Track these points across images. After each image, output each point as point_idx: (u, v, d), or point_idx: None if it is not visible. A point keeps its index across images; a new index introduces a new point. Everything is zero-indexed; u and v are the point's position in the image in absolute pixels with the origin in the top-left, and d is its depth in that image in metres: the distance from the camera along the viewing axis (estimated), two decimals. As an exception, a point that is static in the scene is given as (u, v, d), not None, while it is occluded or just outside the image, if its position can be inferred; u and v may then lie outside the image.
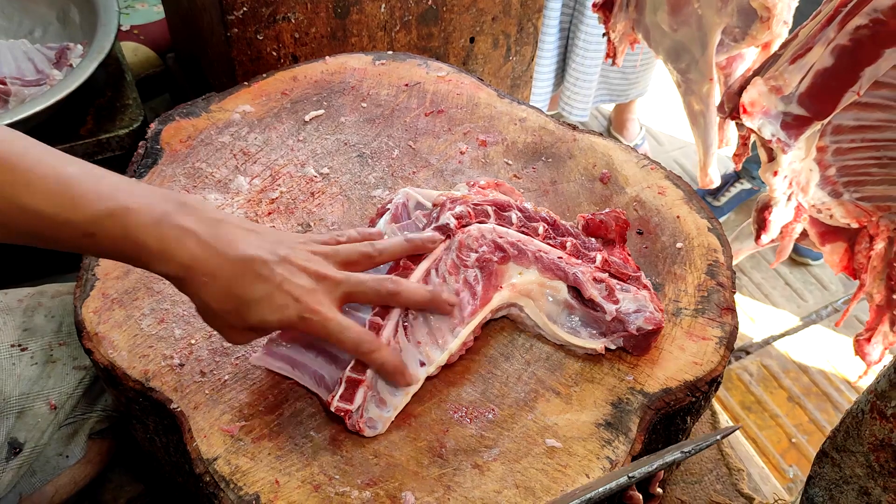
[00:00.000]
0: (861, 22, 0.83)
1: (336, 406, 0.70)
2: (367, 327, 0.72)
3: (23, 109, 1.05)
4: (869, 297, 1.08)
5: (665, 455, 0.70)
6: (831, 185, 1.03)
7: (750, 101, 0.93)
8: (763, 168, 1.00)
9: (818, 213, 1.07)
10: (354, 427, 0.70)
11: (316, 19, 1.17)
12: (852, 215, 1.05)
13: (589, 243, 0.83)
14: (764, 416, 2.17)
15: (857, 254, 1.09)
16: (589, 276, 0.78)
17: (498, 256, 0.79)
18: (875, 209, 1.03)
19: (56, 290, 0.96)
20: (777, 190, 1.01)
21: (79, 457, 0.89)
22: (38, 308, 0.92)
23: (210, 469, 0.68)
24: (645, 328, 0.76)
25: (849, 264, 1.12)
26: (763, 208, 1.05)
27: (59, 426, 0.87)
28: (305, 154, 0.98)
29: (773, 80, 0.92)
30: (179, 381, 0.75)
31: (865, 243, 1.07)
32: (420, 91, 1.07)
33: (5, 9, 1.32)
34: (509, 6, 1.33)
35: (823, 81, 0.89)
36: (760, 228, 1.06)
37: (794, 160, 0.98)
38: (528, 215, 0.83)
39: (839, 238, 1.11)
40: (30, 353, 0.88)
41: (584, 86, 2.49)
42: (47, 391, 0.87)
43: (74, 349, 0.90)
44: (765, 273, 2.56)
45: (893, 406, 0.61)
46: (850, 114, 0.96)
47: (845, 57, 0.86)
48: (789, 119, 0.94)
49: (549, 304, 0.80)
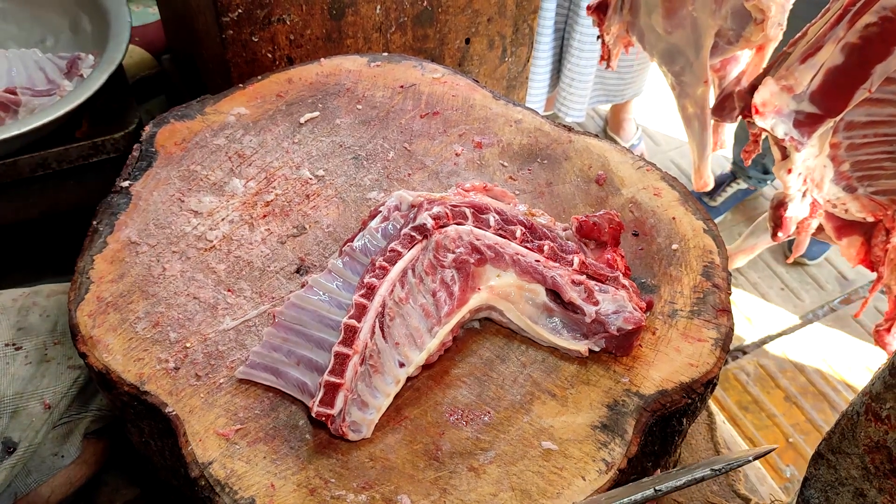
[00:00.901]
0: (870, 20, 0.84)
1: (317, 412, 0.70)
2: (352, 310, 0.73)
3: (31, 120, 1.05)
4: (887, 289, 1.09)
5: (694, 471, 0.69)
6: (846, 180, 1.04)
7: (762, 101, 0.93)
8: (777, 166, 1.01)
9: (833, 208, 1.08)
10: (338, 431, 0.70)
11: (311, 21, 1.17)
12: (868, 209, 1.05)
13: (566, 246, 0.83)
14: (761, 416, 2.17)
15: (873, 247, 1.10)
16: (567, 279, 0.79)
17: (475, 258, 0.79)
18: (890, 202, 1.04)
19: (51, 290, 0.96)
20: (792, 187, 1.01)
21: (74, 456, 0.88)
22: (33, 307, 0.92)
23: (205, 473, 0.68)
24: (625, 328, 0.76)
25: (866, 257, 1.13)
26: (778, 205, 1.05)
27: (54, 426, 0.87)
28: (301, 156, 0.97)
29: (785, 79, 0.92)
30: (174, 384, 0.74)
31: (882, 236, 1.08)
32: (415, 93, 1.07)
33: (18, 17, 1.32)
34: (504, 7, 1.32)
35: (834, 79, 0.90)
36: (777, 226, 1.07)
37: (808, 157, 0.99)
38: (505, 218, 0.83)
39: (855, 232, 1.12)
40: (24, 352, 0.88)
41: (579, 86, 2.49)
42: (42, 390, 0.87)
43: (69, 348, 0.90)
44: (761, 273, 2.56)
45: (888, 408, 0.61)
46: (862, 110, 0.96)
47: (855, 54, 0.87)
48: (802, 117, 0.94)
49: (528, 308, 0.80)
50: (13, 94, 1.15)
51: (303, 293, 0.78)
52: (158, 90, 1.57)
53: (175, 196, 0.91)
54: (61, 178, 1.14)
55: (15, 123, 1.05)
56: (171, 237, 0.87)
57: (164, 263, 0.84)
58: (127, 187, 0.91)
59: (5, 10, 1.30)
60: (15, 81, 1.19)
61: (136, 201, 0.90)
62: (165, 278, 0.83)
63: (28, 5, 1.31)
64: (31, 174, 1.10)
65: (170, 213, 0.89)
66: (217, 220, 0.89)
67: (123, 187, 0.91)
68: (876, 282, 1.11)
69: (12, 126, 1.04)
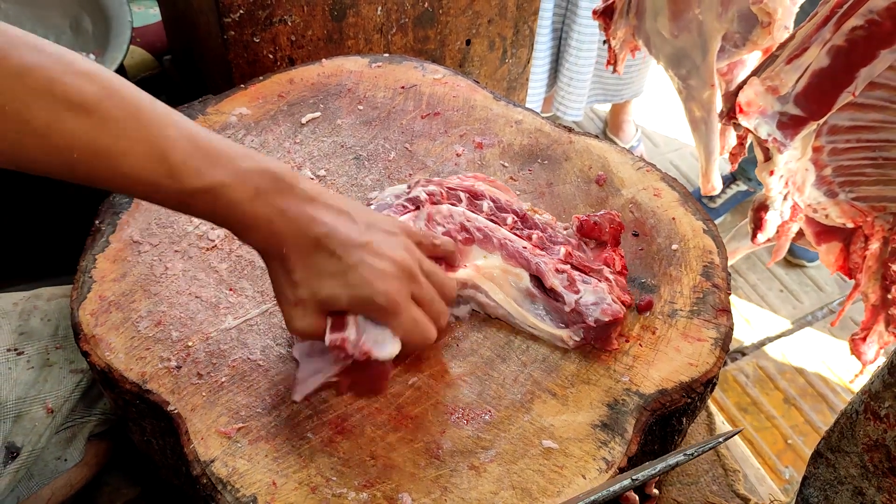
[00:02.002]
0: (857, 23, 0.84)
1: (330, 340, 0.67)
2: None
3: None
4: (864, 297, 1.09)
5: (668, 458, 0.70)
6: (827, 184, 1.04)
7: (746, 100, 0.93)
8: (759, 167, 1.01)
9: (814, 212, 1.07)
10: (360, 351, 0.67)
11: (312, 22, 1.17)
12: (848, 215, 1.05)
13: (556, 237, 0.84)
14: (760, 418, 2.17)
15: (852, 254, 1.10)
16: (551, 267, 0.80)
17: (462, 237, 0.81)
18: (870, 209, 1.04)
19: (52, 294, 0.96)
20: (773, 189, 1.01)
21: (77, 460, 0.88)
22: (34, 311, 0.92)
23: (207, 471, 0.68)
24: (602, 319, 0.77)
25: (844, 264, 1.13)
26: (759, 208, 1.05)
27: (57, 430, 0.87)
28: (302, 156, 0.98)
29: (770, 80, 0.92)
30: (176, 383, 0.75)
31: (861, 243, 1.08)
32: (416, 93, 1.07)
33: (19, 17, 1.32)
34: (505, 9, 1.33)
35: (819, 82, 0.90)
36: (757, 228, 1.07)
37: (791, 160, 0.99)
38: (499, 206, 0.85)
39: (835, 238, 1.11)
40: (26, 356, 0.87)
41: (578, 85, 2.50)
42: (44, 395, 0.87)
43: (71, 352, 0.90)
44: (760, 274, 2.56)
45: (887, 406, 0.62)
46: (846, 114, 0.96)
47: (841, 57, 0.87)
48: (785, 119, 0.94)
49: (513, 291, 0.81)
50: (15, 93, 1.15)
51: None
52: (159, 90, 1.57)
53: (177, 196, 0.91)
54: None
55: (17, 123, 1.05)
56: (174, 236, 0.87)
57: (167, 262, 0.84)
58: (129, 187, 0.91)
59: (6, 11, 1.31)
60: (16, 81, 1.19)
61: (138, 201, 0.90)
62: (167, 277, 0.83)
63: (29, 5, 1.32)
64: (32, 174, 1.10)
65: (172, 213, 0.89)
66: (219, 220, 0.89)
67: (125, 187, 0.91)
68: (853, 290, 1.11)
69: None
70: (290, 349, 0.77)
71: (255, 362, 0.77)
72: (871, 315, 1.09)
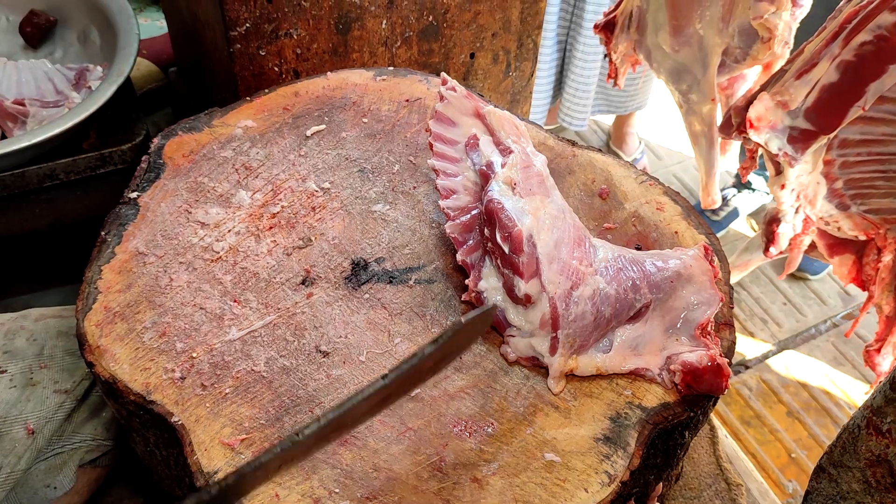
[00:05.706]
0: (866, 38, 0.84)
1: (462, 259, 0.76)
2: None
3: (40, 132, 1.06)
4: (878, 309, 1.09)
5: (423, 349, 0.60)
6: (838, 197, 1.04)
7: (757, 115, 0.94)
8: (770, 181, 1.01)
9: (826, 225, 1.08)
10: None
11: (318, 35, 1.18)
12: (860, 227, 1.06)
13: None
14: (763, 431, 2.17)
15: (865, 265, 1.10)
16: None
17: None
18: (882, 221, 1.04)
19: (40, 314, 0.95)
20: (785, 203, 1.02)
21: (67, 488, 0.86)
22: (20, 331, 0.91)
23: (210, 482, 0.68)
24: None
25: (857, 276, 1.13)
26: (771, 221, 1.06)
27: (40, 453, 0.85)
28: (307, 169, 0.98)
29: (780, 94, 0.93)
30: (180, 394, 0.75)
31: (873, 255, 1.08)
32: (421, 106, 1.08)
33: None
34: (509, 22, 1.34)
35: (829, 96, 0.90)
36: (769, 241, 1.07)
37: (802, 173, 0.99)
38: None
39: (847, 250, 1.12)
40: (8, 375, 0.86)
41: (582, 96, 2.51)
42: (25, 414, 0.85)
43: (56, 372, 0.88)
44: (764, 288, 2.56)
45: (889, 422, 0.62)
46: (856, 128, 0.97)
47: (850, 72, 0.87)
48: (796, 133, 0.95)
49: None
50: (22, 105, 1.16)
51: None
52: (165, 102, 1.59)
53: (182, 207, 0.92)
54: (68, 189, 1.15)
55: (24, 135, 1.06)
56: (179, 248, 0.88)
57: (171, 274, 0.85)
58: (135, 198, 0.92)
59: (15, 23, 1.32)
60: (24, 92, 1.20)
61: (143, 212, 0.91)
62: (172, 289, 0.84)
63: (38, 18, 1.33)
64: (38, 185, 1.11)
65: (177, 225, 0.90)
66: (224, 232, 0.90)
67: (132, 198, 0.92)
68: (867, 301, 1.11)
69: (21, 137, 1.05)
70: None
71: (258, 374, 0.77)
72: (885, 326, 1.09)
